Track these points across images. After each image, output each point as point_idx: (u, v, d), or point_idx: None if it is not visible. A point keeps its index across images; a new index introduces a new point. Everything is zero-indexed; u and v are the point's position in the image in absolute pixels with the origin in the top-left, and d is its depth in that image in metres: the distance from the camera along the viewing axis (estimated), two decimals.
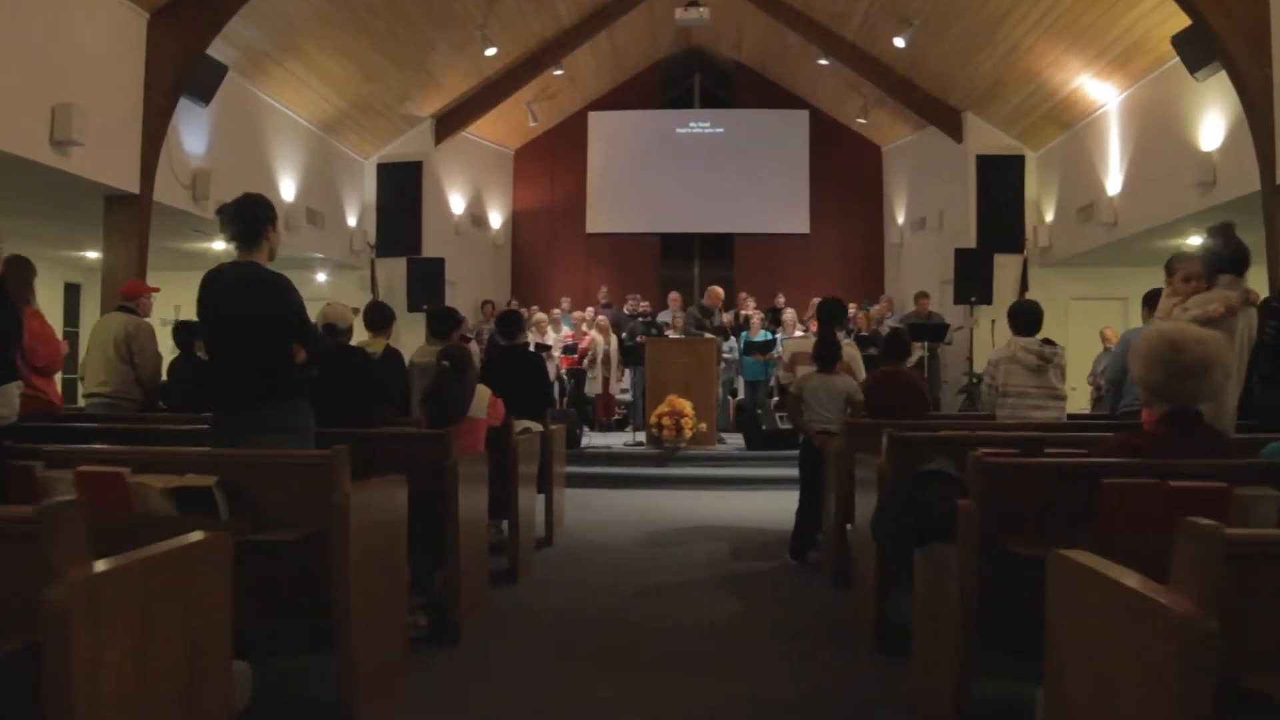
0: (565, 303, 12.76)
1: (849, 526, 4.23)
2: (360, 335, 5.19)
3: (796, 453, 8.65)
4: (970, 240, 11.36)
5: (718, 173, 14.17)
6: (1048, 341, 4.94)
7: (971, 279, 10.88)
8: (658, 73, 14.64)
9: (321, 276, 11.40)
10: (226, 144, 8.49)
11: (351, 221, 11.53)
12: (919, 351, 10.24)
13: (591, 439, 9.50)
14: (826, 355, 5.05)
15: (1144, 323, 5.40)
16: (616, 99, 14.57)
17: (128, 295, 5.34)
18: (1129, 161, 9.06)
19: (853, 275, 14.06)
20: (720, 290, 10.33)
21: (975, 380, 10.10)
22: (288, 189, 9.84)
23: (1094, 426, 4.50)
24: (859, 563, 3.77)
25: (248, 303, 3.14)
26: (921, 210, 12.86)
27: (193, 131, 7.98)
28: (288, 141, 9.88)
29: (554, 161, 14.59)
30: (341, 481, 2.44)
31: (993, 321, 10.96)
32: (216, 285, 3.19)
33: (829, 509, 4.60)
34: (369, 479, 2.76)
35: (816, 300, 7.64)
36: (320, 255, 10.79)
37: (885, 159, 14.16)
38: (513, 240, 14.55)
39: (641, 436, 9.04)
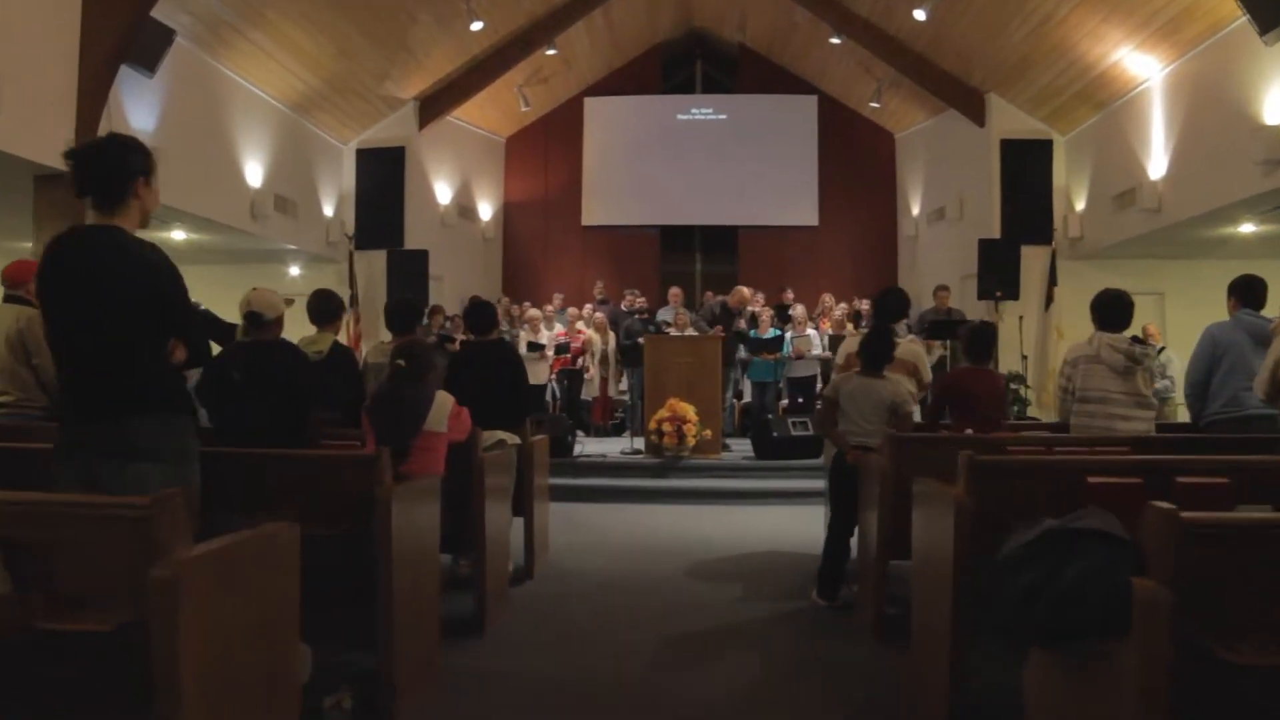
0: (558, 299, 11.93)
1: (894, 563, 3.43)
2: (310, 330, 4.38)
3: (811, 462, 8.09)
4: (993, 230, 10.55)
5: (721, 162, 13.39)
6: (1138, 339, 4.13)
7: (996, 272, 10.08)
8: (657, 57, 13.83)
9: (295, 270, 10.58)
10: (180, 120, 7.67)
11: (328, 211, 10.71)
12: (938, 350, 9.43)
13: (586, 446, 8.69)
14: (875, 355, 4.22)
15: (1232, 314, 4.59)
16: (613, 85, 13.77)
17: (14, 280, 4.42)
18: (1176, 141, 8.24)
19: (864, 270, 13.25)
20: (748, 292, 9.56)
21: (1007, 380, 9.26)
22: (254, 173, 9.02)
23: (1195, 444, 3.69)
24: (921, 614, 2.95)
25: (105, 282, 2.31)
26: (939, 200, 12.04)
27: (140, 105, 7.16)
28: (254, 122, 9.05)
29: (548, 150, 13.79)
30: (165, 545, 1.63)
31: (1020, 318, 10.16)
32: (61, 257, 2.36)
33: (868, 540, 3.77)
34: (255, 520, 1.96)
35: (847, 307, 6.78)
36: (292, 247, 9.98)
37: (898, 147, 13.36)
38: (504, 233, 13.74)
39: (640, 443, 8.22)
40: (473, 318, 4.60)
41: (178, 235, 9.01)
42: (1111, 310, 4.22)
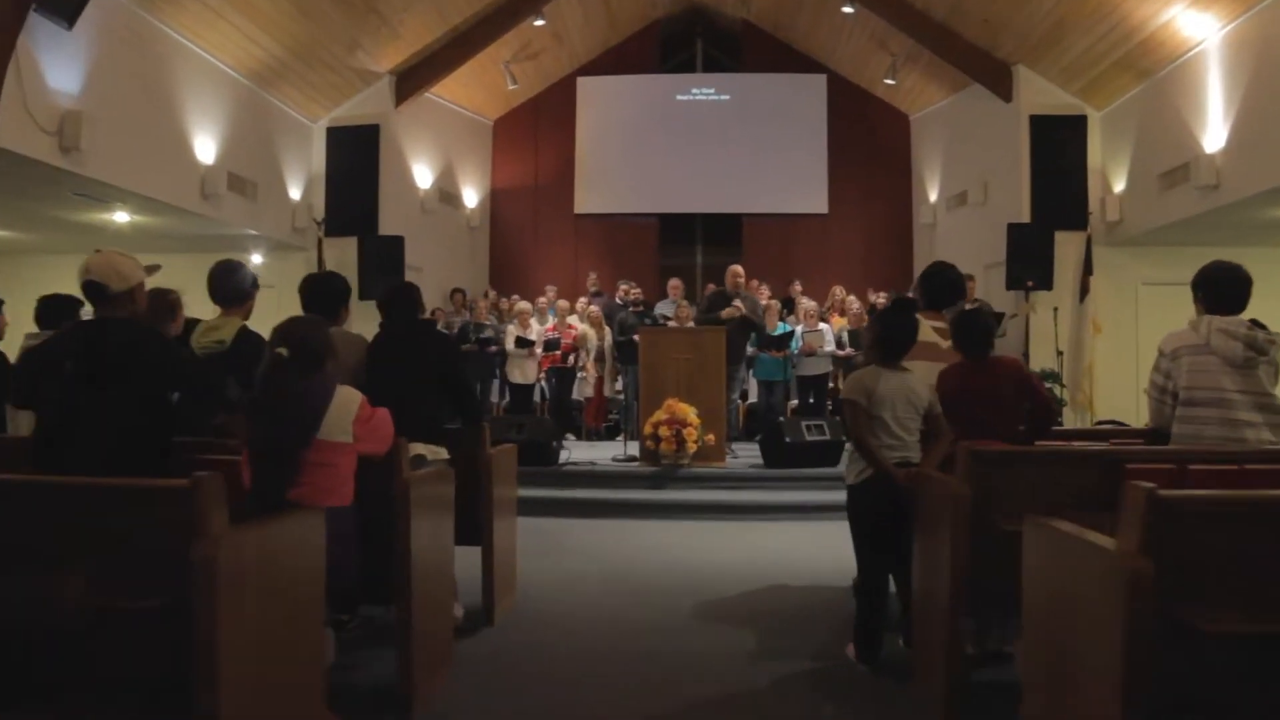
0: (551, 291, 11.01)
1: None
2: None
3: (829, 471, 7.02)
4: (1022, 215, 9.63)
5: (723, 146, 12.51)
6: (1257, 324, 3.19)
7: (1026, 259, 9.16)
8: (655, 35, 12.92)
9: (257, 257, 9.66)
10: (112, 83, 6.76)
11: (295, 194, 9.80)
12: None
13: (574, 452, 7.78)
14: (899, 338, 3.31)
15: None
16: (608, 64, 12.86)
17: None
18: (1238, 109, 7.31)
19: (877, 260, 12.36)
20: (740, 270, 8.52)
21: (1044, 378, 8.34)
22: (205, 149, 8.11)
23: None
24: (1052, 697, 2.02)
25: None
26: (961, 184, 11.10)
27: (59, 62, 6.24)
28: (204, 91, 8.14)
29: (538, 133, 12.89)
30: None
31: (1054, 309, 9.22)
32: None
33: (931, 587, 2.83)
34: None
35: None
36: (253, 232, 9.06)
37: (914, 129, 12.44)
38: (491, 221, 12.83)
39: (634, 449, 7.30)
40: (393, 300, 3.54)
41: (120, 218, 8.10)
42: (1225, 287, 3.24)
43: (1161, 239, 8.95)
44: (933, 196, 11.86)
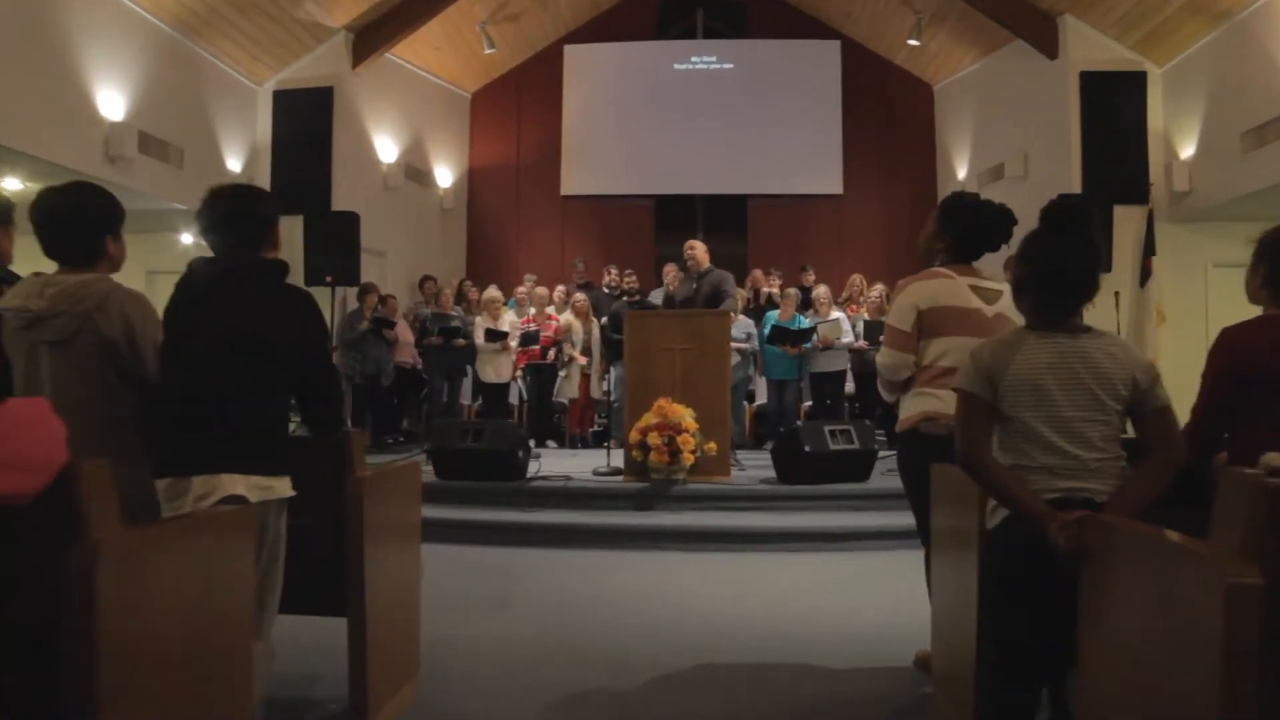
0: (529, 281, 9.73)
1: None
2: None
3: (859, 488, 5.55)
4: (1071, 186, 8.32)
5: (727, 120, 11.25)
6: None
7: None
8: (649, 4, 11.61)
9: (187, 237, 8.37)
10: None
11: (234, 165, 8.52)
12: None
13: (549, 463, 6.49)
14: (1061, 281, 1.93)
15: None
16: (598, 30, 11.61)
17: None
18: None
19: (898, 246, 10.96)
20: (699, 245, 6.75)
21: None
22: (111, 104, 6.85)
23: None
24: None
25: None
26: (996, 156, 9.79)
27: None
28: (114, 38, 6.89)
29: (521, 107, 11.64)
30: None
31: (1115, 294, 7.90)
32: None
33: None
34: None
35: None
36: (180, 206, 7.78)
37: (938, 99, 11.18)
38: (468, 203, 11.56)
39: (619, 459, 6.00)
40: (208, 219, 2.14)
41: (10, 185, 6.82)
42: None
43: (1239, 212, 7.62)
44: (961, 173, 10.56)
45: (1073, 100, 8.50)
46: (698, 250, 6.69)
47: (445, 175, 11.06)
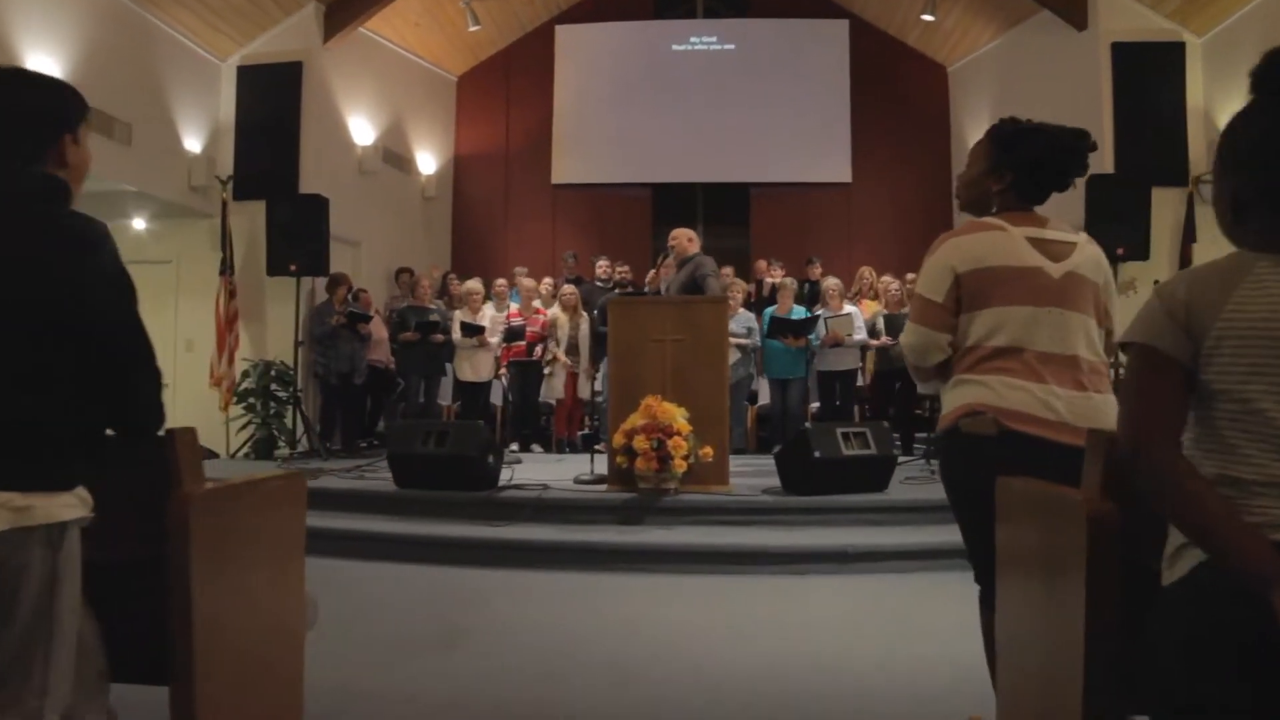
0: (519, 272, 9.05)
1: None
2: None
3: (879, 499, 4.78)
4: (1103, 167, 7.62)
5: (728, 104, 10.60)
6: None
7: (1112, 221, 7.12)
8: None
9: (140, 223, 7.71)
10: None
11: (193, 146, 7.86)
12: None
13: (527, 470, 5.81)
14: None
15: None
16: (592, 10, 10.97)
17: None
18: None
19: (910, 236, 10.26)
20: (681, 231, 6.17)
21: None
22: (42, 69, 6.17)
23: None
24: None
25: None
26: None
27: None
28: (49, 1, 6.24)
29: (509, 90, 11.00)
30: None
31: (1155, 282, 7.17)
32: None
33: None
34: None
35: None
36: (131, 188, 7.13)
37: (953, 81, 10.52)
38: (453, 191, 10.91)
39: (602, 465, 5.30)
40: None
41: None
42: None
43: None
44: None
45: (1104, 75, 7.81)
46: (680, 238, 6.06)
47: (428, 162, 10.40)
